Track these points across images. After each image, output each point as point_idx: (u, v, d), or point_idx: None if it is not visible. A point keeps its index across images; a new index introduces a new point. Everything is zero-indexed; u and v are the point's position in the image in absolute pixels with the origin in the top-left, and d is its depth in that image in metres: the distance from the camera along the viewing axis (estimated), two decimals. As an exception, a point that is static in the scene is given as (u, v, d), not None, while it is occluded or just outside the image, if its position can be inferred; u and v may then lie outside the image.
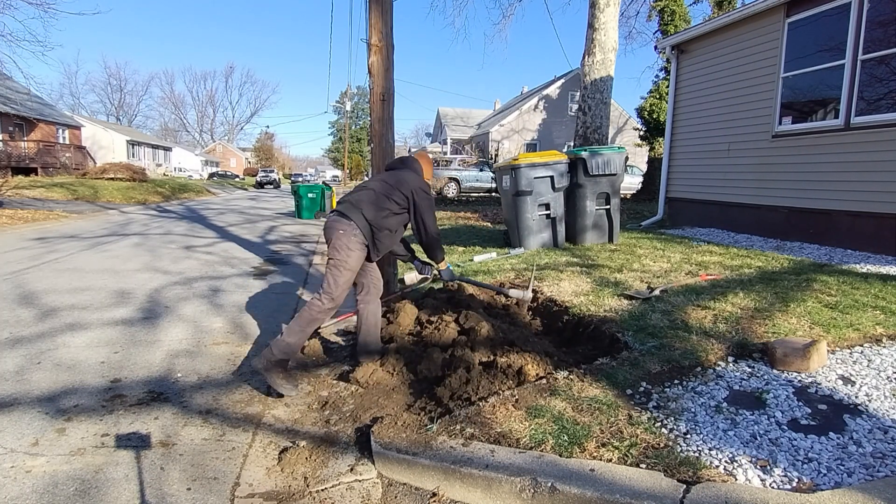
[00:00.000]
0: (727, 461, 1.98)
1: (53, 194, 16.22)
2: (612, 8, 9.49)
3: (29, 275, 5.99)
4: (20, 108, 24.53)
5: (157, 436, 2.58)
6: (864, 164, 5.72)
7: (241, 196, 27.84)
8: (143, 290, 5.47)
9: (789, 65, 6.72)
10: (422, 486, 2.18)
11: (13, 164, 21.20)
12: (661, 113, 16.60)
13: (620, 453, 2.05)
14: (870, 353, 2.84)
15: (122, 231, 10.37)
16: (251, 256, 7.82)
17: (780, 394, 2.45)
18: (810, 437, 2.10)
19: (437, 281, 4.79)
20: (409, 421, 2.45)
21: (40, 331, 4.07)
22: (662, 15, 17.02)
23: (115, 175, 21.63)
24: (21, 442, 2.47)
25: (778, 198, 6.83)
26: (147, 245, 8.52)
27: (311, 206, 14.74)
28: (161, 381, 3.22)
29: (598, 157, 5.99)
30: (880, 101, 5.69)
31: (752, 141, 7.27)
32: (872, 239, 5.62)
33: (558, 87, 30.99)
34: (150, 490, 2.15)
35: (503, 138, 30.13)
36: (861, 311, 3.43)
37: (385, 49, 4.24)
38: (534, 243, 6.15)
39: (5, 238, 8.79)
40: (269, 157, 68.16)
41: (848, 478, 1.84)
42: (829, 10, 6.16)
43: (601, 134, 9.77)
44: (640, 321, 3.39)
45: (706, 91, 8.18)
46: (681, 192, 8.89)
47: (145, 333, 4.10)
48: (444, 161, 21.49)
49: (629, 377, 2.69)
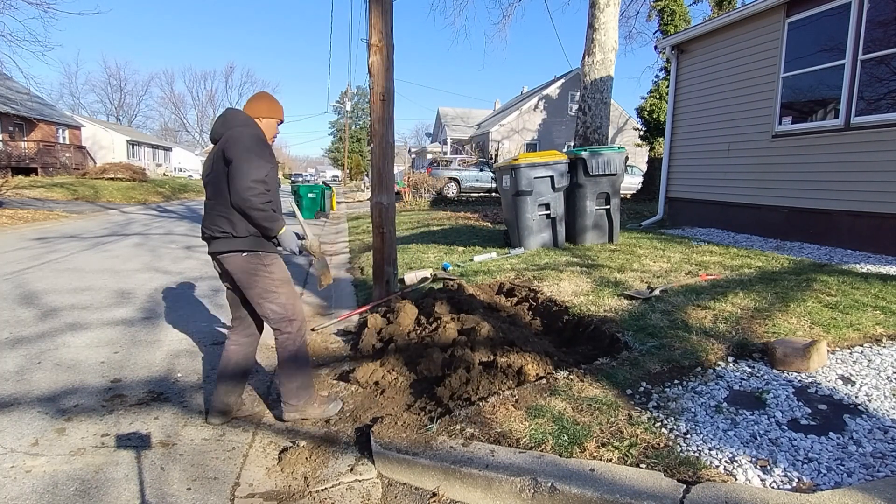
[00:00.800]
0: (727, 461, 1.98)
1: (53, 194, 16.22)
2: (612, 8, 9.49)
3: (30, 275, 5.99)
4: (20, 109, 24.54)
5: (157, 436, 2.58)
6: (865, 164, 5.72)
7: (242, 196, 27.77)
8: (143, 289, 5.48)
9: (789, 65, 6.72)
10: (422, 486, 2.18)
11: (13, 164, 21.21)
12: (661, 113, 16.60)
13: (620, 453, 2.05)
14: (870, 353, 2.84)
15: (123, 231, 10.37)
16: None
17: (780, 394, 2.45)
18: (810, 437, 2.10)
19: (437, 281, 4.79)
20: (409, 421, 2.45)
21: (41, 331, 4.07)
22: (662, 15, 17.02)
23: (115, 175, 21.65)
24: (21, 442, 2.47)
25: (778, 198, 6.83)
26: (148, 245, 8.52)
27: (311, 206, 14.75)
28: (161, 381, 3.22)
29: (599, 157, 5.99)
30: (880, 101, 5.69)
31: (752, 141, 7.27)
32: (872, 239, 5.62)
33: (558, 87, 30.98)
34: (149, 490, 2.15)
35: (503, 138, 30.13)
36: (861, 311, 3.43)
37: (385, 49, 4.23)
38: (534, 243, 6.15)
39: (6, 238, 8.79)
40: (268, 157, 67.95)
41: (848, 478, 1.84)
42: (829, 10, 6.16)
43: (601, 134, 9.77)
44: (640, 321, 3.39)
45: (706, 91, 8.18)
46: (681, 192, 8.89)
47: (146, 333, 4.10)
48: (444, 161, 21.49)
49: (629, 377, 2.69)
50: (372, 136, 4.43)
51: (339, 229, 11.75)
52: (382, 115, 4.31)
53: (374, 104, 4.32)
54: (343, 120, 53.82)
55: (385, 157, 4.39)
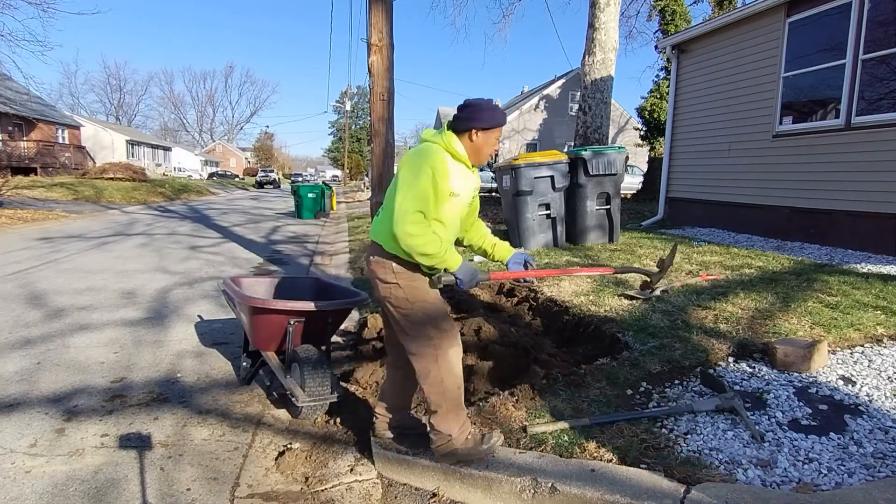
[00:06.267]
0: (727, 461, 1.97)
1: (54, 194, 16.22)
2: (612, 7, 9.48)
3: (34, 274, 5.99)
4: (20, 109, 24.52)
5: (157, 436, 2.58)
6: (865, 164, 5.71)
7: (243, 196, 27.83)
8: (147, 290, 5.47)
9: (790, 64, 6.71)
10: (422, 486, 2.17)
11: (13, 165, 21.19)
12: (661, 113, 16.57)
13: (620, 453, 2.05)
14: (871, 353, 2.83)
15: (127, 231, 10.37)
16: (255, 256, 7.82)
17: (780, 394, 2.45)
18: (811, 438, 2.10)
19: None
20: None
21: (43, 331, 4.07)
22: (663, 15, 17.00)
23: (114, 175, 21.62)
24: (20, 442, 2.46)
25: (778, 198, 6.82)
26: (152, 245, 8.52)
27: (311, 206, 14.74)
28: (162, 382, 3.22)
29: (599, 157, 5.99)
30: (881, 101, 5.68)
31: (752, 141, 7.26)
32: (873, 239, 5.61)
33: (559, 86, 30.96)
34: (149, 490, 2.15)
35: (504, 138, 30.10)
36: (862, 311, 3.42)
37: (385, 49, 4.23)
38: (534, 243, 6.14)
39: (9, 238, 8.79)
40: (268, 156, 68.17)
41: (849, 478, 1.84)
42: (830, 10, 6.15)
43: (602, 134, 9.76)
44: (641, 321, 3.39)
45: (707, 91, 8.17)
46: (681, 191, 8.87)
47: (149, 334, 4.10)
48: (445, 161, 21.47)
49: (629, 377, 2.68)
50: (372, 135, 4.43)
51: (339, 229, 11.74)
52: (383, 115, 4.31)
53: (375, 104, 4.32)
54: (343, 120, 53.79)
55: (385, 157, 4.39)
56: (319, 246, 9.18)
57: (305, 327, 2.81)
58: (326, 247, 9.09)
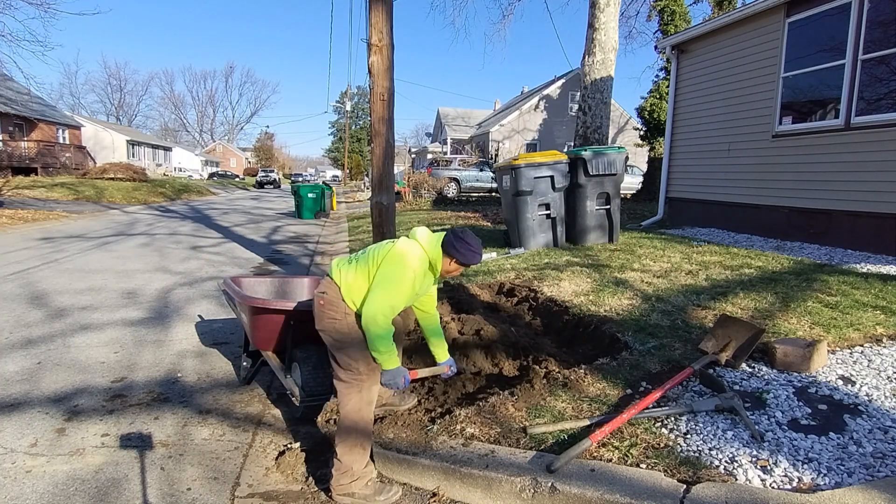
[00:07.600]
0: (727, 461, 1.98)
1: (54, 194, 16.22)
2: (612, 8, 9.48)
3: (35, 274, 5.99)
4: (21, 109, 24.53)
5: (158, 436, 2.58)
6: (865, 164, 5.71)
7: (243, 196, 27.84)
8: (148, 290, 5.48)
9: (789, 65, 6.71)
10: (422, 485, 2.18)
11: (13, 165, 21.19)
12: (661, 113, 16.58)
13: (620, 453, 2.05)
14: (870, 353, 2.84)
15: (128, 231, 10.37)
16: (255, 256, 7.83)
17: (780, 394, 2.45)
18: (811, 437, 2.10)
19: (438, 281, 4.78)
20: (410, 421, 2.45)
21: (47, 331, 4.08)
22: (662, 15, 17.00)
23: (115, 175, 21.62)
24: (20, 442, 2.47)
25: (778, 198, 6.82)
26: (154, 245, 8.53)
27: (311, 206, 14.75)
28: (163, 382, 3.22)
29: (599, 157, 5.99)
30: (880, 101, 5.68)
31: (752, 141, 7.26)
32: (873, 239, 5.61)
33: (558, 87, 30.95)
34: (150, 490, 2.15)
35: (504, 138, 30.11)
36: (861, 311, 3.43)
37: (385, 49, 4.24)
38: (534, 243, 6.15)
39: (11, 238, 8.80)
40: (269, 157, 68.16)
41: (848, 478, 1.84)
42: (830, 10, 6.15)
43: (601, 134, 9.76)
44: (641, 321, 3.39)
45: (706, 91, 8.17)
46: (681, 192, 8.88)
47: (150, 333, 4.11)
48: (445, 161, 21.49)
49: (629, 377, 2.69)
50: (372, 136, 4.43)
51: (339, 229, 11.75)
52: (383, 115, 4.32)
53: (375, 104, 4.32)
54: (343, 120, 53.83)
55: (385, 156, 4.40)
56: (320, 246, 9.18)
57: (306, 327, 2.82)
58: (327, 247, 9.09)
